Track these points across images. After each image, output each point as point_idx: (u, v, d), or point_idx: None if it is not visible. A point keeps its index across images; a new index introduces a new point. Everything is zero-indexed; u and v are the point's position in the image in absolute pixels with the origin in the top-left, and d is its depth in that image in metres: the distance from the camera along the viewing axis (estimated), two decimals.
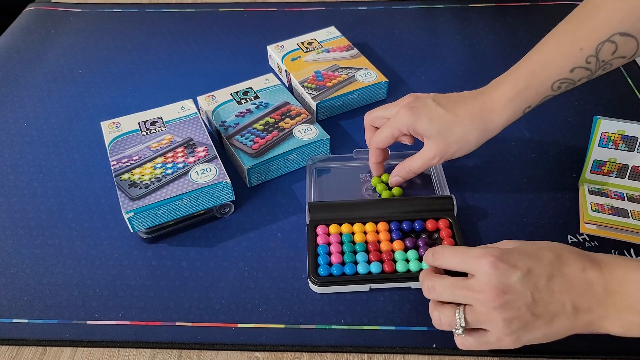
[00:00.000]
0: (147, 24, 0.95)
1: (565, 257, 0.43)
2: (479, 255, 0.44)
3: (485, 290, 0.42)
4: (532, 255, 0.44)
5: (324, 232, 0.59)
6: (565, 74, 0.52)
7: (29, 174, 0.69)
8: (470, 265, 0.44)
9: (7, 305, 0.56)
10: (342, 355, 0.51)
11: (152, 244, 0.61)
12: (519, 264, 0.43)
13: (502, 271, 0.42)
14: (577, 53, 0.51)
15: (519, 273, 0.42)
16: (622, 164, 0.61)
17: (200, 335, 0.53)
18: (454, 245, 0.49)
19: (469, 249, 0.46)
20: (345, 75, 0.76)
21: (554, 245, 0.45)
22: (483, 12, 0.94)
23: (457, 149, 0.56)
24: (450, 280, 0.46)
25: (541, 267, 0.43)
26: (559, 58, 0.52)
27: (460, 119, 0.55)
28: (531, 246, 0.45)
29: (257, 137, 0.67)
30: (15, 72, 0.86)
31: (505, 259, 0.43)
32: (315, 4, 0.98)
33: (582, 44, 0.51)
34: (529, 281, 0.42)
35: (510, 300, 0.42)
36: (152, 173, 0.61)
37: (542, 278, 0.42)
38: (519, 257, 0.43)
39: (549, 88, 0.53)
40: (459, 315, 0.44)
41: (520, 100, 0.54)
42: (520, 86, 0.54)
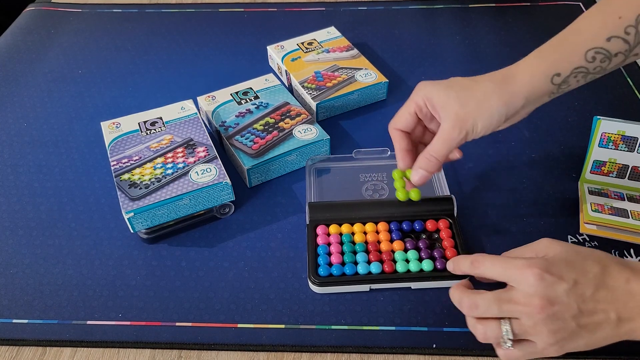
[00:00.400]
0: (147, 24, 0.95)
1: (609, 269, 0.43)
2: (524, 266, 0.43)
3: (531, 303, 0.42)
4: (578, 267, 0.43)
5: (324, 232, 0.59)
6: (601, 43, 0.48)
7: (29, 174, 0.69)
8: (514, 276, 0.43)
9: (7, 305, 0.56)
10: (342, 355, 0.51)
11: (152, 244, 0.61)
12: (565, 276, 0.42)
13: (548, 283, 0.42)
14: (615, 21, 0.47)
15: (565, 285, 0.42)
16: (622, 164, 0.61)
17: (200, 335, 0.53)
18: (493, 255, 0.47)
19: (511, 259, 0.45)
20: (345, 76, 0.76)
21: (599, 255, 0.44)
22: (483, 12, 0.94)
23: (479, 115, 0.50)
24: (492, 295, 0.44)
25: (587, 279, 0.42)
26: (596, 25, 0.48)
27: (480, 83, 0.51)
28: (575, 256, 0.44)
29: (257, 138, 0.67)
30: (15, 72, 0.86)
31: (552, 270, 0.42)
32: (315, 4, 0.98)
33: (621, 12, 0.47)
34: (575, 293, 0.42)
35: (557, 311, 0.42)
36: (152, 173, 0.61)
37: (588, 290, 0.42)
38: (565, 269, 0.43)
39: (582, 57, 0.49)
40: (505, 327, 0.43)
41: (548, 63, 0.50)
42: (549, 51, 0.50)
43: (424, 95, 0.53)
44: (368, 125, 0.74)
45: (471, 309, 0.45)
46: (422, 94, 0.53)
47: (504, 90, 0.50)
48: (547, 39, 0.52)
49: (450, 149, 0.52)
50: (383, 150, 0.67)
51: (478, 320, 0.45)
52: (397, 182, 0.57)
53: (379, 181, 0.66)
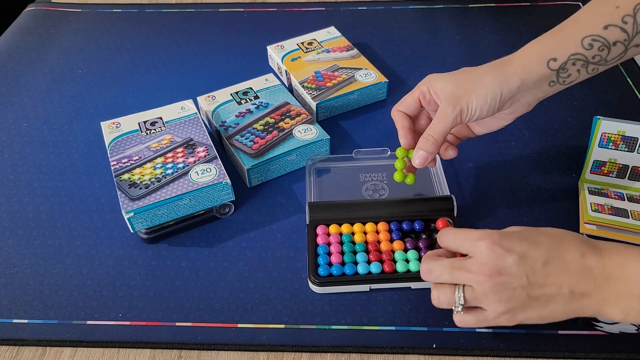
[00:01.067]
0: (147, 24, 0.95)
1: (565, 243, 0.44)
2: (478, 237, 0.45)
3: (481, 271, 0.44)
4: (530, 240, 0.44)
5: (324, 232, 0.59)
6: (598, 31, 0.48)
7: (29, 174, 0.69)
8: (469, 246, 0.45)
9: (7, 305, 0.56)
10: (342, 355, 0.51)
11: (152, 244, 0.61)
12: (515, 248, 0.44)
13: (497, 254, 0.43)
14: (612, 10, 0.48)
15: (514, 256, 0.43)
16: (622, 164, 0.61)
17: (200, 335, 0.53)
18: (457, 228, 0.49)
19: (470, 231, 0.47)
20: (345, 76, 0.76)
21: (556, 231, 0.46)
22: (483, 12, 0.94)
23: (474, 93, 0.51)
24: (447, 261, 0.47)
25: (538, 251, 0.43)
26: (592, 15, 0.49)
27: (479, 67, 0.53)
28: (532, 232, 0.46)
29: (257, 137, 0.67)
30: (15, 72, 0.86)
31: (503, 242, 0.44)
32: (315, 4, 0.98)
33: (619, 2, 0.48)
34: (524, 264, 0.43)
35: (506, 281, 0.43)
36: (152, 173, 0.61)
37: (538, 262, 0.43)
38: (516, 242, 0.44)
39: (579, 43, 0.49)
40: (458, 294, 0.46)
41: (544, 48, 0.50)
42: (546, 38, 0.51)
43: (428, 82, 0.55)
44: (368, 125, 0.74)
45: (425, 273, 0.48)
46: (426, 82, 0.55)
47: (499, 70, 0.51)
48: None
49: (446, 127, 0.52)
50: (383, 150, 0.67)
51: (434, 285, 0.48)
52: (399, 161, 0.57)
53: (379, 181, 0.66)
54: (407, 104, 0.57)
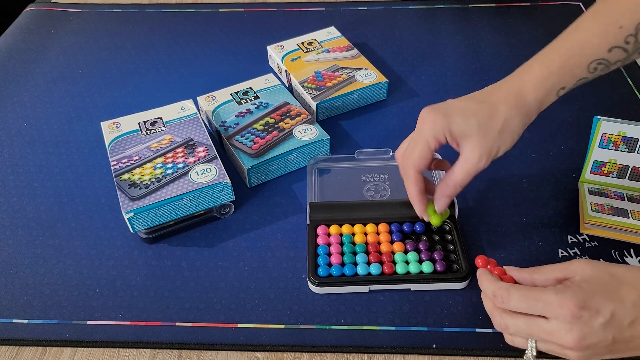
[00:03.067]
0: (147, 24, 0.95)
1: None
2: (558, 303, 0.41)
3: (565, 338, 0.41)
4: (616, 296, 0.41)
5: (325, 233, 0.59)
6: (603, 54, 0.49)
7: (29, 174, 0.69)
8: (547, 312, 0.42)
9: (7, 305, 0.56)
10: (342, 355, 0.51)
11: (152, 244, 0.61)
12: (602, 309, 0.41)
13: (584, 319, 0.41)
14: (616, 31, 0.48)
15: (602, 319, 0.41)
16: (623, 165, 0.61)
17: (200, 335, 0.53)
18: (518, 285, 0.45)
19: (541, 291, 0.43)
20: (345, 76, 0.76)
21: (635, 277, 0.42)
22: (483, 12, 0.94)
23: (502, 141, 0.50)
24: (525, 321, 0.44)
25: (625, 309, 0.41)
26: (597, 37, 0.49)
27: (497, 106, 0.50)
28: (610, 280, 0.42)
29: (257, 137, 0.67)
30: (15, 72, 0.86)
31: (588, 304, 0.41)
32: (315, 4, 0.98)
33: (622, 21, 0.47)
34: (612, 325, 0.41)
35: (591, 344, 0.41)
36: (152, 173, 0.61)
37: (626, 320, 0.41)
38: (602, 301, 0.41)
39: (585, 69, 0.49)
40: (530, 345, 0.44)
41: (554, 80, 0.50)
42: (554, 66, 0.50)
43: (442, 128, 0.50)
44: (368, 125, 0.74)
45: (501, 328, 0.45)
46: (440, 127, 0.50)
47: (522, 111, 0.50)
48: (547, 39, 0.52)
49: (472, 175, 0.51)
50: (385, 151, 0.67)
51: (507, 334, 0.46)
52: (429, 208, 0.56)
53: (381, 182, 0.65)
54: (425, 160, 0.51)
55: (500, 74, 0.56)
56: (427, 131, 0.50)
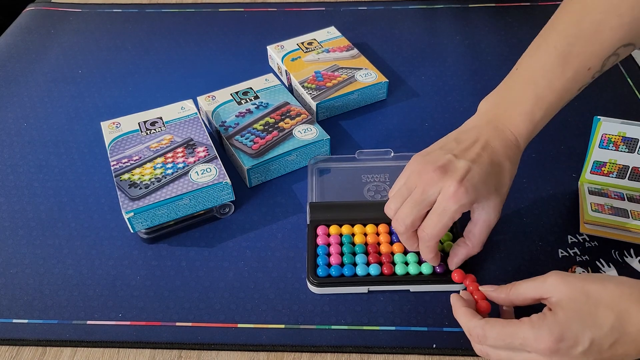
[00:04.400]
0: (147, 24, 0.95)
1: (626, 315, 0.40)
2: (534, 339, 0.41)
3: None
4: (592, 322, 0.41)
5: (324, 233, 0.59)
6: (574, 94, 0.53)
7: (29, 174, 0.69)
8: (526, 347, 0.42)
9: (7, 305, 0.56)
10: (342, 355, 0.51)
11: (152, 244, 0.61)
12: (580, 339, 0.40)
13: (563, 351, 0.41)
14: (585, 73, 0.51)
15: (581, 348, 0.40)
16: (623, 165, 0.61)
17: (200, 335, 0.53)
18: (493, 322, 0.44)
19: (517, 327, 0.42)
20: (345, 76, 0.76)
21: (612, 295, 0.41)
22: (483, 12, 0.94)
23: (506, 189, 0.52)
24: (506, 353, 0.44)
25: (603, 334, 0.40)
26: (570, 82, 0.51)
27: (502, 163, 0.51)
28: (587, 305, 0.41)
29: (257, 137, 0.67)
30: (15, 72, 0.86)
31: (565, 337, 0.40)
32: (315, 4, 0.98)
33: (590, 63, 0.50)
34: (591, 351, 0.40)
35: None
36: (152, 173, 0.61)
37: (606, 345, 0.40)
38: (579, 330, 0.40)
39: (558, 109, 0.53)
40: None
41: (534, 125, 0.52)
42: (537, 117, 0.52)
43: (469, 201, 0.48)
44: (368, 125, 0.74)
45: (482, 354, 0.46)
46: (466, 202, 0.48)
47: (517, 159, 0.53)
48: None
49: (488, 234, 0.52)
50: (386, 152, 0.67)
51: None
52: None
53: (381, 182, 0.65)
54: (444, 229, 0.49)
55: (500, 74, 0.56)
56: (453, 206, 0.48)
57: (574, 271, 0.56)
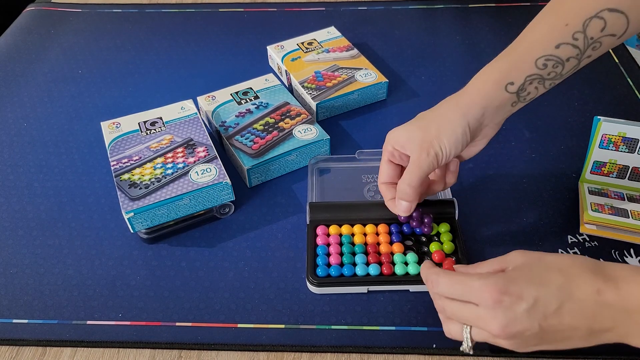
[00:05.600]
0: (147, 24, 0.95)
1: (576, 279, 0.41)
2: (481, 288, 0.42)
3: (491, 325, 0.41)
4: (539, 280, 0.41)
5: (324, 233, 0.59)
6: (550, 50, 0.49)
7: (29, 174, 0.69)
8: (472, 297, 0.43)
9: (7, 305, 0.56)
10: (342, 355, 0.51)
11: (152, 244, 0.61)
12: (525, 294, 0.41)
13: (506, 305, 0.41)
14: (562, 29, 0.48)
15: (525, 305, 0.41)
16: (623, 165, 0.61)
17: (200, 335, 0.53)
18: (448, 271, 0.46)
19: (467, 277, 0.44)
20: (345, 76, 0.76)
21: (565, 262, 0.42)
22: (483, 12, 0.94)
23: (440, 132, 0.51)
24: (458, 305, 0.44)
25: (549, 294, 0.41)
26: (543, 35, 0.49)
27: (437, 107, 0.53)
28: (538, 267, 0.42)
29: (257, 137, 0.67)
30: (15, 72, 0.86)
31: (510, 289, 0.41)
32: (315, 4, 0.98)
33: (568, 19, 0.48)
34: (536, 311, 0.40)
35: (517, 332, 0.41)
36: (152, 173, 0.61)
37: (551, 306, 0.40)
38: (524, 286, 0.41)
39: (533, 65, 0.49)
40: (465, 335, 0.44)
41: (499, 73, 0.50)
42: (500, 62, 0.51)
43: (391, 141, 0.54)
44: (368, 125, 0.74)
45: (440, 310, 0.47)
46: (389, 141, 0.54)
47: (460, 104, 0.51)
48: None
49: (422, 174, 0.52)
50: None
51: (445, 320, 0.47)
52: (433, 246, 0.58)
53: None
54: (385, 172, 0.56)
55: None
56: (384, 146, 0.55)
57: None
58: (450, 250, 0.57)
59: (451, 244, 0.57)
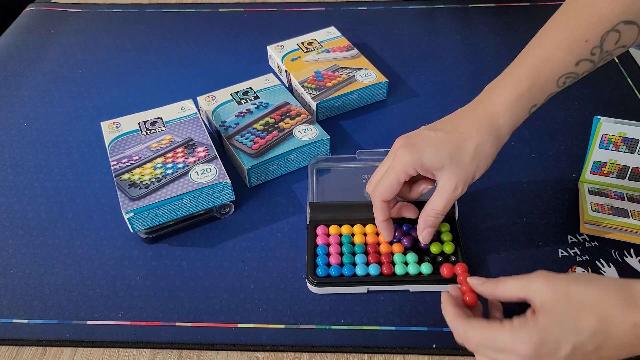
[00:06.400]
0: (147, 24, 0.95)
1: (611, 318, 0.40)
2: (514, 345, 0.41)
3: None
4: (573, 325, 0.40)
5: (324, 233, 0.59)
6: (571, 68, 0.49)
7: (29, 174, 0.69)
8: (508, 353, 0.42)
9: (7, 305, 0.56)
10: (342, 355, 0.51)
11: (152, 244, 0.61)
12: (561, 344, 0.40)
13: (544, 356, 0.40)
14: (582, 45, 0.48)
15: (563, 352, 0.40)
16: (623, 165, 0.61)
17: (200, 335, 0.53)
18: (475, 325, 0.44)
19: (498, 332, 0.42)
20: (345, 76, 0.76)
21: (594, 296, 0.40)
22: (483, 12, 0.94)
23: (477, 167, 0.50)
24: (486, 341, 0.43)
25: (586, 339, 0.40)
26: (564, 52, 0.49)
27: (468, 134, 0.50)
28: (568, 308, 0.40)
29: (257, 137, 0.67)
30: (15, 72, 0.86)
31: (546, 342, 0.40)
32: (315, 4, 0.98)
33: (587, 35, 0.48)
34: (575, 356, 0.40)
35: None
36: (152, 173, 0.61)
37: (590, 348, 0.40)
38: (559, 335, 0.40)
39: (555, 84, 0.50)
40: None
41: (526, 99, 0.50)
42: (524, 86, 0.50)
43: (413, 163, 0.51)
44: (368, 125, 0.74)
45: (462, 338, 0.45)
46: (411, 162, 0.51)
47: (494, 134, 0.51)
48: None
49: (452, 203, 0.52)
50: (386, 152, 0.66)
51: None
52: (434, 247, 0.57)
53: None
54: (393, 190, 0.52)
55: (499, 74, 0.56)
56: (398, 165, 0.51)
57: (574, 271, 0.56)
58: (450, 251, 0.57)
59: (451, 244, 0.57)
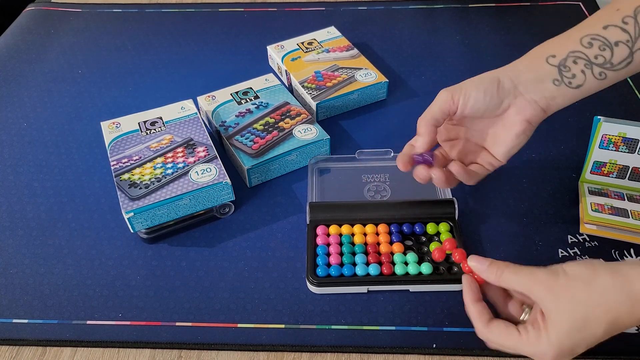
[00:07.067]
0: (147, 24, 0.95)
1: (617, 319, 0.41)
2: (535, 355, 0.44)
3: None
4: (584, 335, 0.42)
5: (324, 233, 0.59)
6: (597, 30, 0.48)
7: (29, 174, 0.69)
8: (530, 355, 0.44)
9: (7, 305, 0.56)
10: (342, 355, 0.51)
11: (152, 244, 0.61)
12: (577, 347, 0.42)
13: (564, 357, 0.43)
14: (612, 12, 0.48)
15: (579, 350, 0.43)
16: (623, 165, 0.61)
17: (200, 335, 0.53)
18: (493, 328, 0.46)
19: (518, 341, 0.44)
20: (345, 76, 0.76)
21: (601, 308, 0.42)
22: (483, 12, 0.94)
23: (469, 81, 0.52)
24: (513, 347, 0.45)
25: (598, 338, 0.42)
26: (591, 18, 0.49)
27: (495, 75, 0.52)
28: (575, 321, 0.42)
29: (257, 137, 0.67)
30: (15, 72, 0.86)
31: (563, 350, 0.42)
32: (315, 4, 0.98)
33: (619, 5, 0.47)
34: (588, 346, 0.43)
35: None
36: (152, 173, 0.61)
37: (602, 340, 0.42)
38: (574, 342, 0.42)
39: (577, 42, 0.48)
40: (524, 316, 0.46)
41: (542, 48, 0.50)
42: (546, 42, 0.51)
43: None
44: (368, 125, 0.74)
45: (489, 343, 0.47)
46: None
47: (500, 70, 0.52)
48: (547, 39, 0.52)
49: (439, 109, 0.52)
50: (386, 152, 0.67)
51: None
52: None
53: (381, 182, 0.65)
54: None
55: None
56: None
57: None
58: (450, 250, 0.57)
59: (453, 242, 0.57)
